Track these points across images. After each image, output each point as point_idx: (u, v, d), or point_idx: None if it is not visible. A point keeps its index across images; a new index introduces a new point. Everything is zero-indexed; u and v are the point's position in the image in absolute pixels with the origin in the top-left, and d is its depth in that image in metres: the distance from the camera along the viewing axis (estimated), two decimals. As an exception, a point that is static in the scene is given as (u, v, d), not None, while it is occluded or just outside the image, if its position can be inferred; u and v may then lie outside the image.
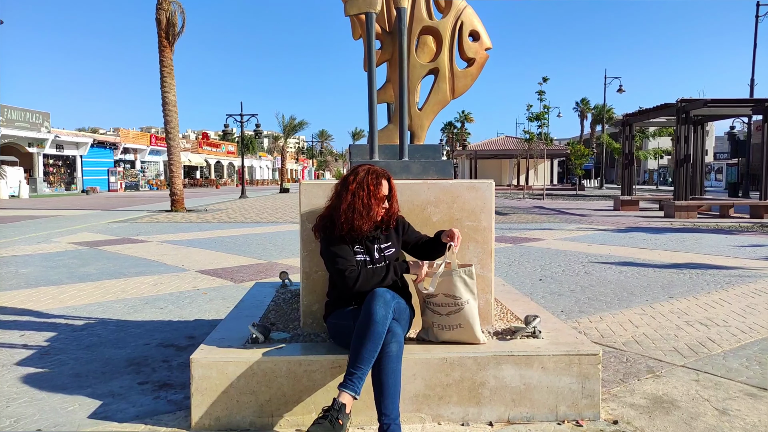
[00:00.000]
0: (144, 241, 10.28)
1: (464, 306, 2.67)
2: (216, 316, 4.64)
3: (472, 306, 2.69)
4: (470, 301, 2.69)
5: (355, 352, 2.33)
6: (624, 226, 13.13)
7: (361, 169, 2.68)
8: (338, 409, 2.24)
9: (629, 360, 3.56)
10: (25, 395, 3.01)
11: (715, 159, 56.69)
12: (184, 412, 2.74)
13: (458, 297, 2.66)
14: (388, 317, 2.37)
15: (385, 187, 2.67)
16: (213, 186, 55.21)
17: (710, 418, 2.68)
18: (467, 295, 2.68)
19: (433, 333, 2.76)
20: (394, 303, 2.44)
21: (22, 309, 5.04)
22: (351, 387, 2.29)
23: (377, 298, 2.39)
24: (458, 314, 2.67)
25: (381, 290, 2.46)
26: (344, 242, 2.64)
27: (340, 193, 2.66)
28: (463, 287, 2.67)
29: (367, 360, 2.31)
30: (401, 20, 3.29)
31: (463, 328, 2.68)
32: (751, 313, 4.74)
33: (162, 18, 17.92)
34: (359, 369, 2.30)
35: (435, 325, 2.73)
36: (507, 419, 2.63)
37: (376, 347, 2.32)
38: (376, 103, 3.34)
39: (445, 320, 2.69)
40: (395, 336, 2.38)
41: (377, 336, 2.32)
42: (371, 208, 2.60)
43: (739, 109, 17.43)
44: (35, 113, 35.91)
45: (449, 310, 2.67)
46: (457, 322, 2.68)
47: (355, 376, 2.30)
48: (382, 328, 2.33)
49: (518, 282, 6.09)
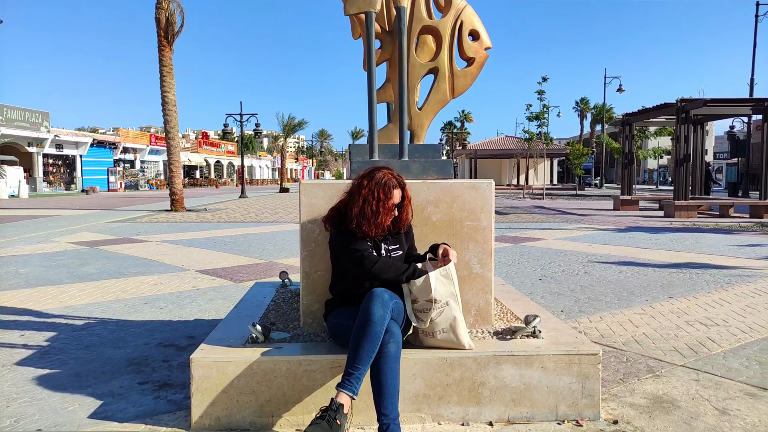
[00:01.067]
0: (144, 241, 10.28)
1: (444, 309, 2.59)
2: (216, 316, 4.64)
3: (453, 308, 2.60)
4: (450, 302, 2.60)
5: (353, 352, 2.33)
6: (624, 225, 13.14)
7: (377, 174, 2.66)
8: (336, 409, 2.24)
9: (629, 360, 3.56)
10: (25, 395, 3.01)
11: (714, 158, 56.73)
12: (184, 412, 2.74)
13: (438, 300, 2.58)
14: (386, 317, 2.37)
15: (397, 196, 2.67)
16: (213, 186, 55.22)
17: (710, 418, 2.68)
18: (446, 297, 2.59)
19: (419, 339, 2.72)
20: (392, 303, 2.43)
21: (21, 309, 5.04)
22: (349, 387, 2.29)
23: (375, 298, 2.39)
24: (440, 318, 2.60)
25: (379, 290, 2.45)
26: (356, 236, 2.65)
27: (352, 193, 2.69)
28: (440, 287, 2.59)
29: (365, 360, 2.31)
30: (401, 19, 3.29)
31: (447, 333, 2.62)
32: (751, 312, 4.74)
33: (161, 17, 17.91)
34: (357, 369, 2.30)
35: (421, 331, 2.69)
36: (507, 419, 2.63)
37: (374, 347, 2.32)
38: (376, 103, 3.34)
39: (430, 327, 2.63)
40: (393, 336, 2.38)
41: (375, 336, 2.32)
42: (379, 216, 2.61)
43: (738, 108, 17.44)
44: (35, 113, 35.91)
45: (431, 316, 2.60)
46: (440, 327, 2.62)
47: (353, 376, 2.30)
48: (380, 328, 2.33)
49: (518, 282, 6.09)
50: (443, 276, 2.62)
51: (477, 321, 3.04)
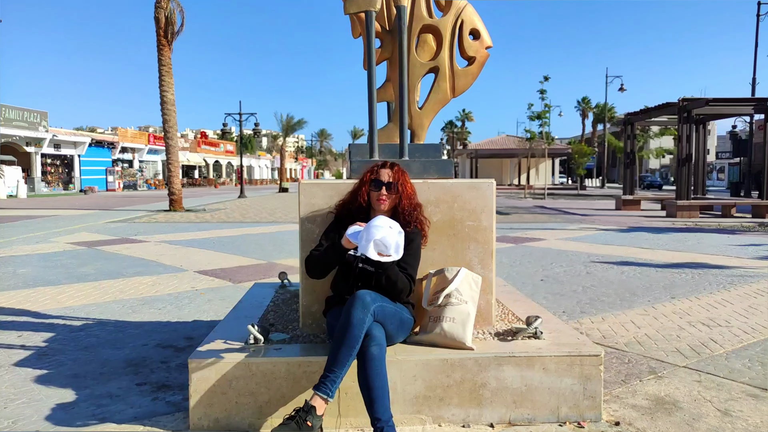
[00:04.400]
0: (142, 241, 10.26)
1: (461, 304, 2.73)
2: (215, 317, 4.61)
3: (470, 307, 2.75)
4: (469, 302, 2.76)
5: (331, 354, 2.32)
6: (626, 225, 13.12)
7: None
8: (307, 410, 2.23)
9: (631, 361, 3.54)
10: (23, 396, 2.99)
11: (717, 158, 56.76)
12: (182, 414, 2.72)
13: (461, 293, 2.75)
14: (366, 320, 2.32)
15: (385, 174, 2.73)
16: (211, 185, 55.23)
17: (712, 420, 2.66)
18: (467, 297, 2.77)
19: (422, 330, 2.79)
20: (374, 306, 2.39)
21: (20, 309, 5.02)
22: (323, 389, 2.27)
23: (356, 301, 2.36)
24: (454, 307, 2.71)
25: (362, 292, 2.41)
26: (338, 228, 2.70)
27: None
28: (466, 288, 2.79)
29: (341, 363, 2.28)
30: (401, 18, 3.26)
31: (455, 324, 2.68)
32: (753, 313, 4.72)
33: (160, 17, 17.90)
34: (333, 372, 2.28)
35: (431, 318, 2.76)
36: (508, 421, 2.61)
37: (351, 350, 2.29)
38: (376, 102, 3.31)
39: (440, 311, 2.72)
40: (374, 339, 2.34)
41: (352, 339, 2.29)
42: (357, 190, 2.74)
43: (740, 108, 17.43)
44: (33, 112, 35.90)
45: (447, 301, 2.74)
46: (450, 315, 2.69)
47: (328, 378, 2.28)
48: (358, 331, 2.30)
49: (520, 282, 6.07)
50: (473, 280, 2.84)
51: (478, 322, 3.01)
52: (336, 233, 2.68)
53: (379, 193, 2.69)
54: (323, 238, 2.76)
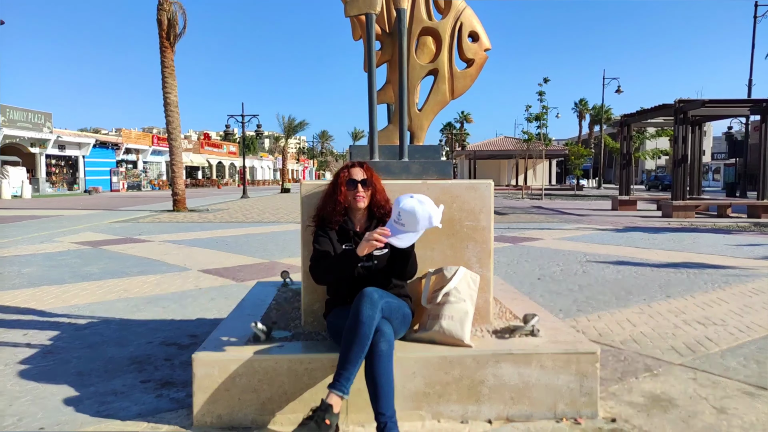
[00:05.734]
0: (146, 241, 10.31)
1: (460, 302, 2.77)
2: (218, 315, 4.66)
3: (468, 305, 2.78)
4: (467, 301, 2.79)
5: (343, 352, 2.37)
6: (622, 225, 13.14)
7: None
8: (325, 409, 2.27)
9: (627, 358, 3.58)
10: (28, 394, 3.04)
11: (712, 159, 56.68)
12: (186, 410, 2.77)
13: (459, 291, 2.80)
14: (375, 317, 2.38)
15: (357, 173, 2.77)
16: (214, 186, 55.28)
17: (708, 417, 2.70)
18: (465, 295, 2.80)
19: (421, 327, 2.84)
20: (382, 302, 2.45)
21: (25, 308, 5.07)
22: (339, 387, 2.32)
23: (364, 299, 2.41)
24: (452, 306, 2.75)
25: (369, 290, 2.47)
26: (327, 234, 2.75)
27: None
28: (464, 287, 2.82)
29: (354, 360, 2.34)
30: (401, 21, 3.31)
31: (453, 322, 2.72)
32: (748, 312, 4.76)
33: (163, 19, 17.95)
34: (347, 369, 2.33)
35: (430, 316, 2.80)
36: (506, 417, 2.65)
37: (363, 347, 2.34)
38: (376, 104, 3.36)
39: (439, 309, 2.76)
40: (384, 335, 2.39)
41: (363, 336, 2.34)
42: (337, 193, 2.76)
43: (736, 109, 17.43)
44: (37, 114, 35.98)
45: (446, 300, 2.78)
46: (449, 313, 2.74)
47: (342, 376, 2.33)
48: (368, 328, 2.35)
49: (517, 281, 6.11)
50: (471, 279, 2.88)
51: (476, 320, 3.06)
52: (332, 243, 2.74)
53: (356, 192, 2.75)
54: (319, 248, 2.74)
